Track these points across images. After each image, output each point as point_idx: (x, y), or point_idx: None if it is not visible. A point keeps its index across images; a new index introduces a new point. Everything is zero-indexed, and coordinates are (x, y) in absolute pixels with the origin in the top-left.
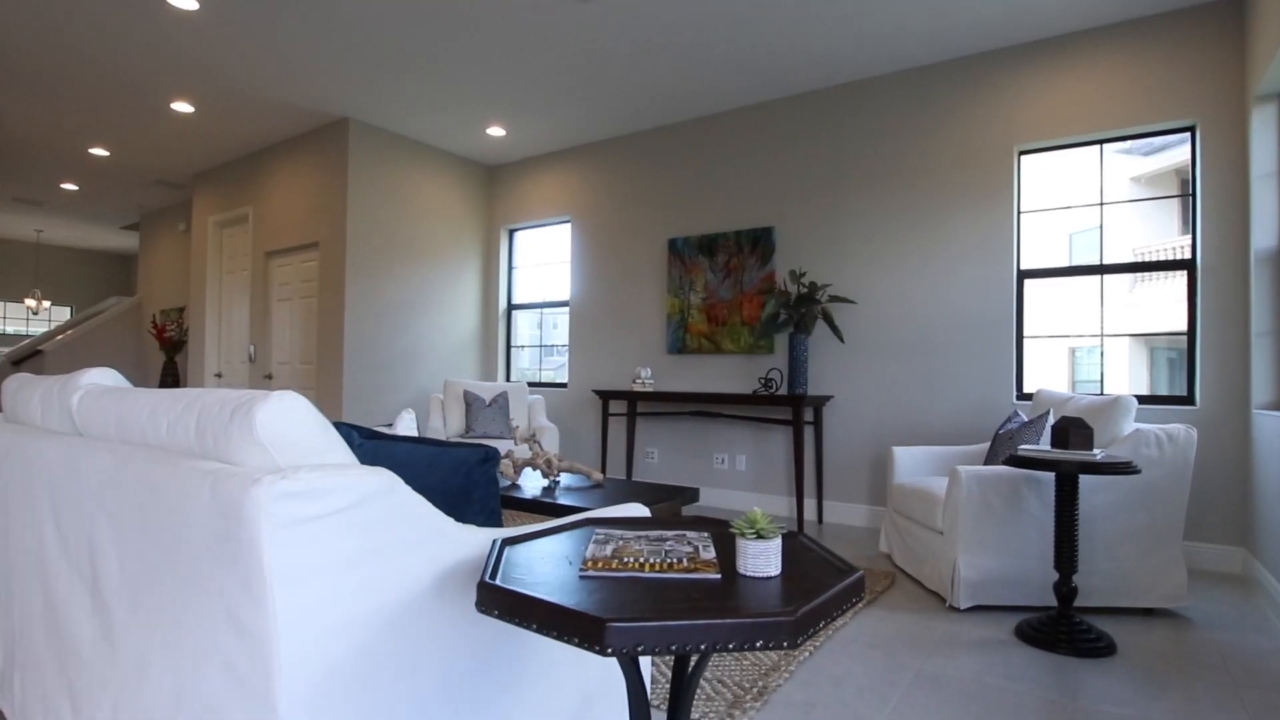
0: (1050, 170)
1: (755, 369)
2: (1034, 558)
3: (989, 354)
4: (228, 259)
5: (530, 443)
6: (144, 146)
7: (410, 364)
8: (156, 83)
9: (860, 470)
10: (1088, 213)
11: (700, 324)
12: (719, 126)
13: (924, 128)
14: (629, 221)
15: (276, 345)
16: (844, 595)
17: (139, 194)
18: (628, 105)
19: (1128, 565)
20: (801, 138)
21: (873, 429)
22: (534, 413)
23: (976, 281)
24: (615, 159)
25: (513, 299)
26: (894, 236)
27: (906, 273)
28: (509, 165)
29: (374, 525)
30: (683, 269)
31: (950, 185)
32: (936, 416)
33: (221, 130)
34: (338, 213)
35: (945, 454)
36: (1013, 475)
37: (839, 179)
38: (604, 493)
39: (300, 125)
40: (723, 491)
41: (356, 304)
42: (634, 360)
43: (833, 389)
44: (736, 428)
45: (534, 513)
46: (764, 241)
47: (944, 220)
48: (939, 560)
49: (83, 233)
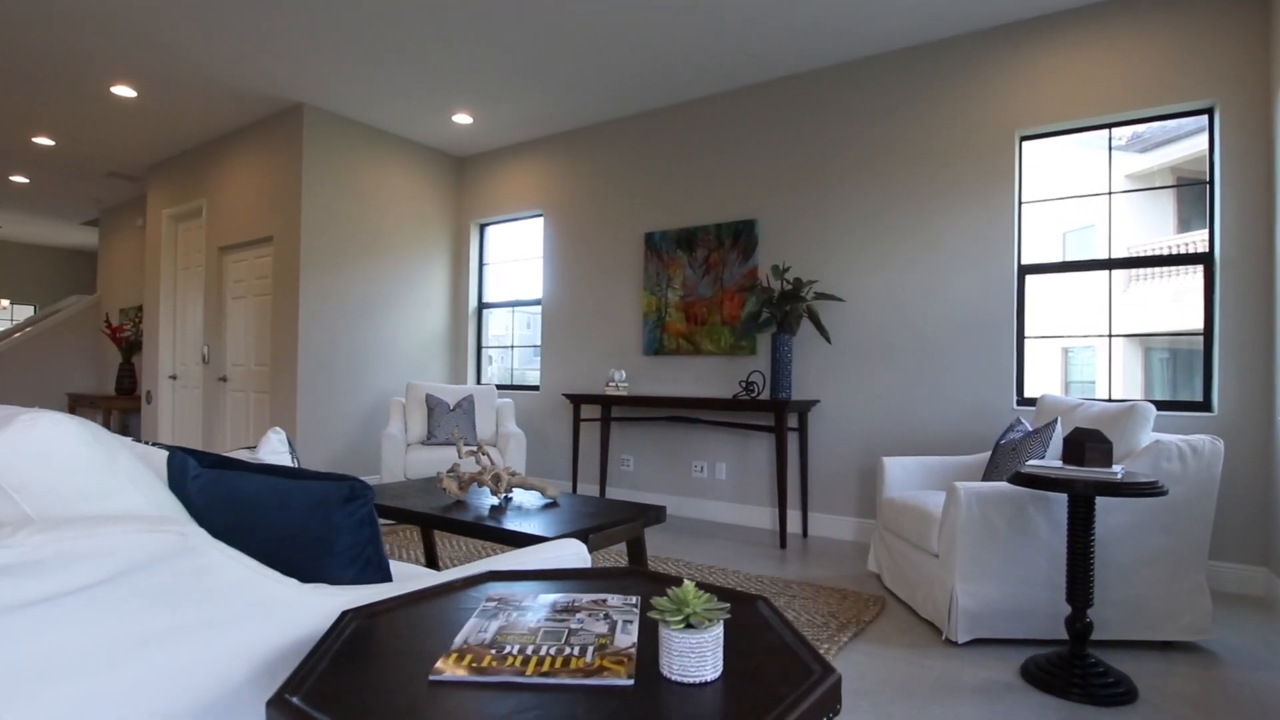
0: (1052, 160)
1: (736, 371)
2: (1041, 586)
3: (987, 356)
4: (183, 254)
5: (477, 454)
6: (90, 135)
7: (372, 366)
8: (93, 63)
9: (848, 480)
10: (1083, 211)
11: (678, 323)
12: (698, 113)
13: (918, 112)
14: (604, 215)
15: (231, 346)
16: (812, 714)
17: (94, 188)
18: (601, 90)
19: (1146, 594)
20: (786, 124)
21: (862, 436)
22: (502, 418)
23: (974, 277)
24: (589, 149)
25: (484, 297)
26: (885, 229)
27: (898, 268)
28: (479, 156)
29: (160, 600)
30: (660, 265)
31: (946, 174)
32: (931, 424)
33: (169, 118)
34: (292, 205)
35: (940, 465)
36: (1017, 494)
37: (826, 168)
38: (557, 513)
39: (253, 112)
40: (702, 502)
41: (312, 302)
42: (609, 362)
43: (819, 393)
44: (716, 434)
45: (474, 538)
46: (746, 235)
47: (939, 212)
48: (934, 586)
49: (43, 229)
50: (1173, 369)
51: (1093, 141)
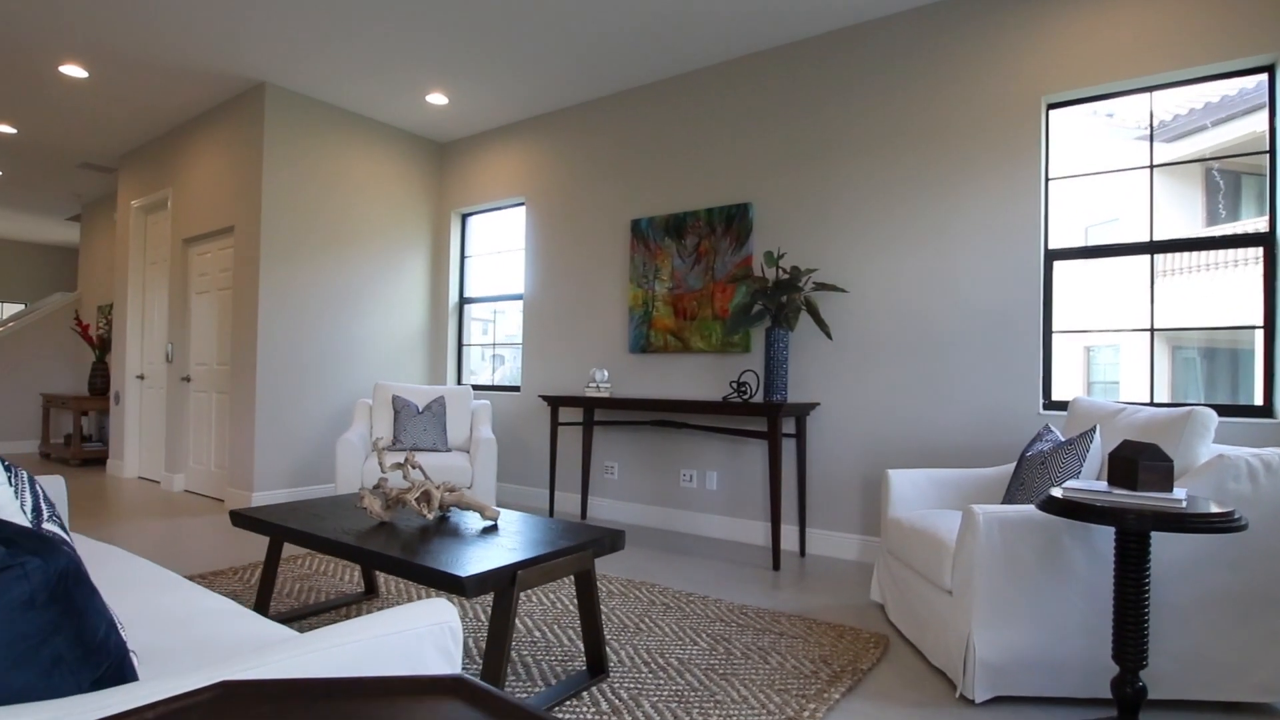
0: (1079, 142)
1: (728, 371)
2: (1078, 634)
3: (1009, 353)
4: (151, 248)
5: (405, 467)
6: (51, 122)
7: (342, 365)
8: (37, 41)
9: (851, 493)
10: (1108, 203)
11: (666, 318)
12: (687, 88)
13: (930, 78)
14: (588, 201)
15: (195, 344)
16: None
17: (72, 180)
18: (583, 65)
19: (1208, 644)
20: (784, 98)
21: (866, 444)
22: (477, 421)
23: (994, 264)
24: (572, 131)
25: (465, 292)
26: (894, 211)
27: (908, 255)
28: (460, 142)
29: None
30: (647, 254)
31: (963, 148)
32: (944, 430)
33: (127, 101)
34: (253, 192)
35: (955, 480)
36: (1049, 522)
37: (828, 145)
38: (490, 541)
39: (215, 93)
40: (691, 515)
41: (273, 296)
42: (593, 360)
43: (819, 395)
44: (706, 440)
45: (384, 571)
46: (740, 220)
47: (955, 191)
48: (946, 629)
49: (27, 225)
50: (1209, 369)
51: (1124, 123)
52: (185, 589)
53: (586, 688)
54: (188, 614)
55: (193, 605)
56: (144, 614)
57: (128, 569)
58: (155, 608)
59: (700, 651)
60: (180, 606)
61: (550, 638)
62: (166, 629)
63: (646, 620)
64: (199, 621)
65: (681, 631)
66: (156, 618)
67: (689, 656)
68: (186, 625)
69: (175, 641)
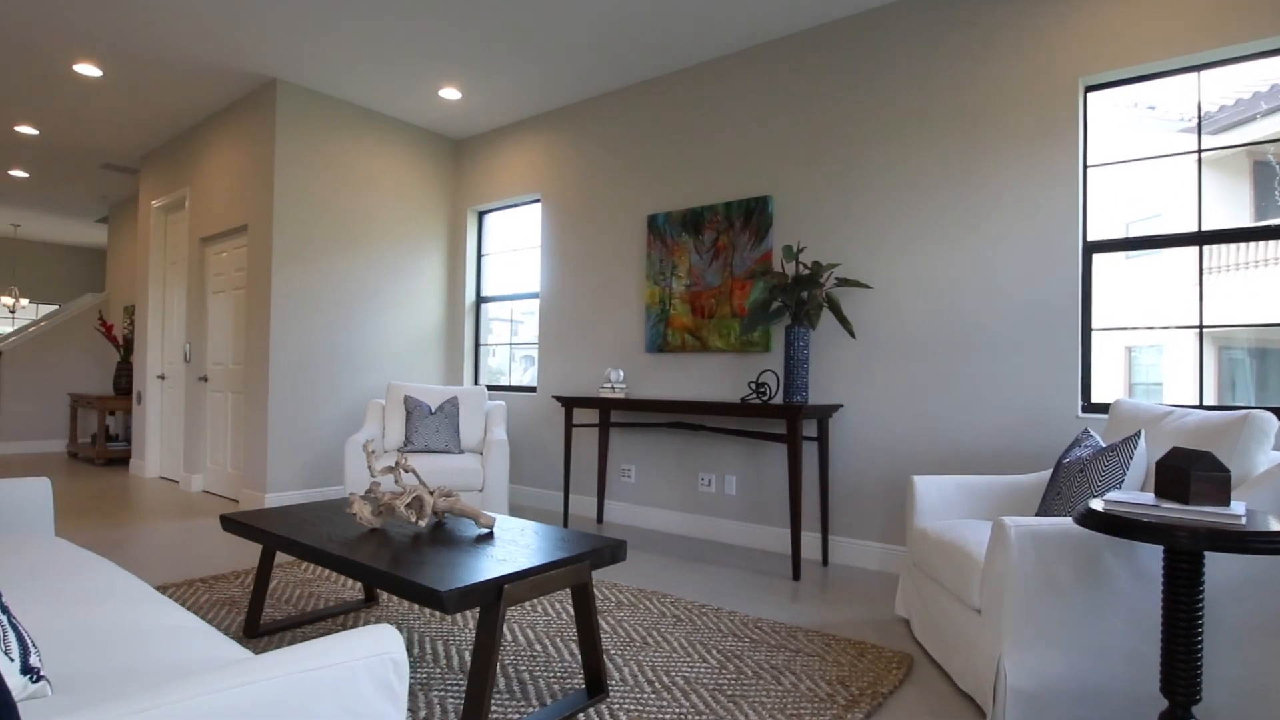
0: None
1: (747, 371)
2: (1121, 659)
3: (1044, 351)
4: (171, 248)
5: (396, 471)
6: (71, 123)
7: (356, 364)
8: (50, 39)
9: (875, 499)
10: (1149, 199)
11: (683, 316)
12: (706, 78)
13: (961, 62)
14: (604, 196)
15: (212, 343)
16: None
17: (98, 182)
18: (598, 57)
19: (1268, 672)
20: (805, 85)
21: (892, 447)
22: (491, 422)
23: (1029, 257)
24: (587, 124)
25: (482, 290)
26: (920, 203)
27: (936, 249)
28: (476, 138)
29: None
30: (664, 250)
31: (995, 134)
32: (974, 434)
33: (141, 100)
34: (265, 190)
35: (986, 487)
36: (1089, 537)
37: (851, 135)
38: (481, 551)
39: (228, 91)
40: (709, 520)
41: (286, 295)
42: (610, 360)
43: (842, 396)
44: (725, 443)
45: (375, 586)
46: (759, 214)
47: (986, 180)
48: (975, 651)
49: (59, 227)
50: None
51: (1167, 115)
52: (148, 603)
53: (583, 709)
54: (136, 634)
55: (146, 623)
56: (88, 633)
57: (97, 580)
58: (104, 626)
59: (709, 670)
60: (132, 625)
61: (551, 652)
62: (102, 651)
63: (655, 634)
64: (142, 643)
65: (691, 647)
66: (98, 638)
67: (696, 675)
68: (125, 647)
69: (103, 667)
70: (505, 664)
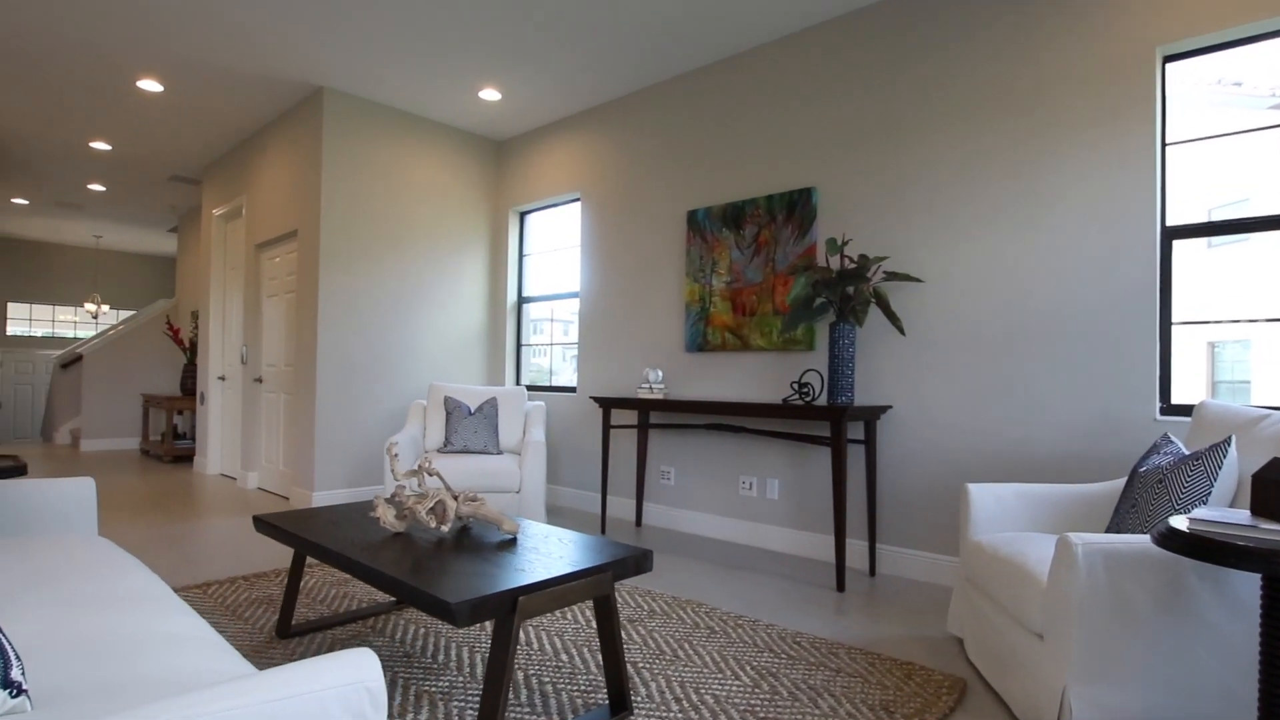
0: (1204, 105)
1: (790, 370)
2: (1209, 698)
3: (1118, 348)
4: (230, 253)
5: (419, 474)
6: (139, 137)
7: (401, 366)
8: (117, 57)
9: (928, 507)
10: (1235, 180)
11: (724, 314)
12: (747, 67)
13: (1019, 37)
14: (643, 193)
15: (266, 345)
16: None
17: (167, 193)
18: (636, 51)
19: None
20: (851, 71)
21: (946, 452)
22: (530, 423)
23: (1099, 245)
24: (626, 121)
25: (523, 291)
26: (977, 190)
27: (994, 236)
28: (517, 139)
29: None
30: (704, 247)
31: (1061, 113)
32: (1037, 438)
33: (200, 113)
34: (313, 196)
35: (1050, 498)
36: (1169, 558)
37: (900, 121)
38: (502, 559)
39: (279, 101)
40: (751, 526)
41: (332, 297)
42: (649, 360)
43: (891, 396)
44: (766, 445)
45: (389, 594)
46: (802, 206)
47: (1051, 163)
48: (1035, 679)
49: (136, 237)
50: None
51: (1255, 91)
52: (158, 610)
53: None
54: (133, 644)
55: (149, 632)
56: (85, 643)
57: (115, 584)
58: (104, 635)
59: (741, 688)
60: (132, 634)
61: (577, 663)
62: (93, 663)
63: (686, 646)
64: (136, 655)
65: (724, 662)
66: (94, 649)
67: (727, 694)
68: (116, 659)
69: (89, 681)
70: (529, 674)
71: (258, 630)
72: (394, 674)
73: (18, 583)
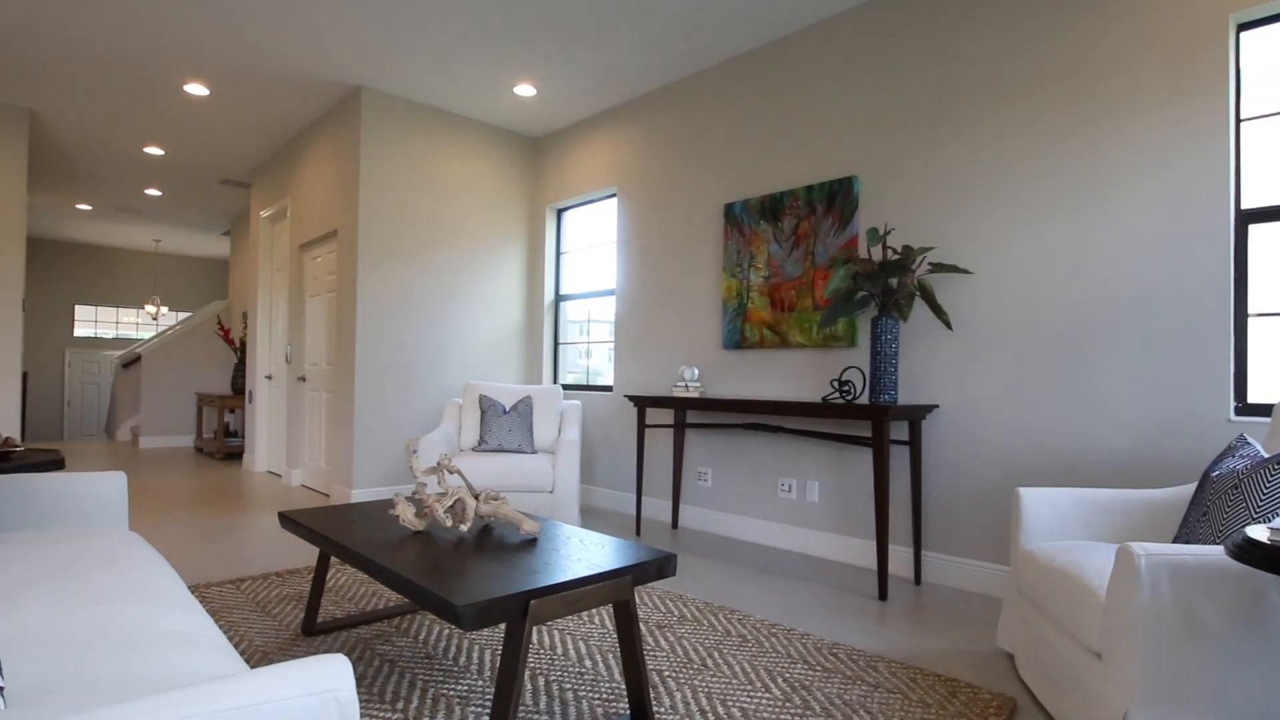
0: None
1: (832, 368)
2: None
3: (1187, 342)
4: (276, 255)
5: (438, 472)
6: (189, 142)
7: (439, 364)
8: (164, 60)
9: (977, 511)
10: None
11: (762, 310)
12: (784, 54)
13: (1081, 11)
14: (679, 187)
15: (309, 344)
16: None
17: (217, 197)
18: (670, 41)
19: None
20: (895, 53)
21: (997, 454)
22: (565, 422)
23: (1165, 231)
24: (662, 113)
25: (561, 288)
26: (1031, 175)
27: (1050, 224)
28: (553, 135)
29: None
30: (741, 241)
31: (1123, 91)
32: (1096, 440)
33: (246, 117)
34: (352, 196)
35: (1110, 503)
36: (1247, 573)
37: (948, 104)
38: (519, 559)
39: (320, 102)
40: (790, 530)
41: (371, 296)
42: (686, 358)
43: (937, 395)
44: (806, 446)
45: (401, 595)
46: (843, 196)
47: (1112, 144)
48: (1093, 700)
49: (192, 241)
50: None
51: None
52: (161, 606)
53: None
54: (124, 642)
55: (144, 630)
56: (76, 640)
57: (125, 579)
58: (97, 632)
59: (771, 702)
60: (127, 631)
61: (600, 669)
62: (78, 661)
63: (716, 655)
64: (124, 653)
65: (754, 673)
66: (84, 646)
67: (755, 707)
68: (103, 658)
69: (69, 680)
70: (550, 679)
71: (284, 627)
72: (413, 676)
73: (29, 577)
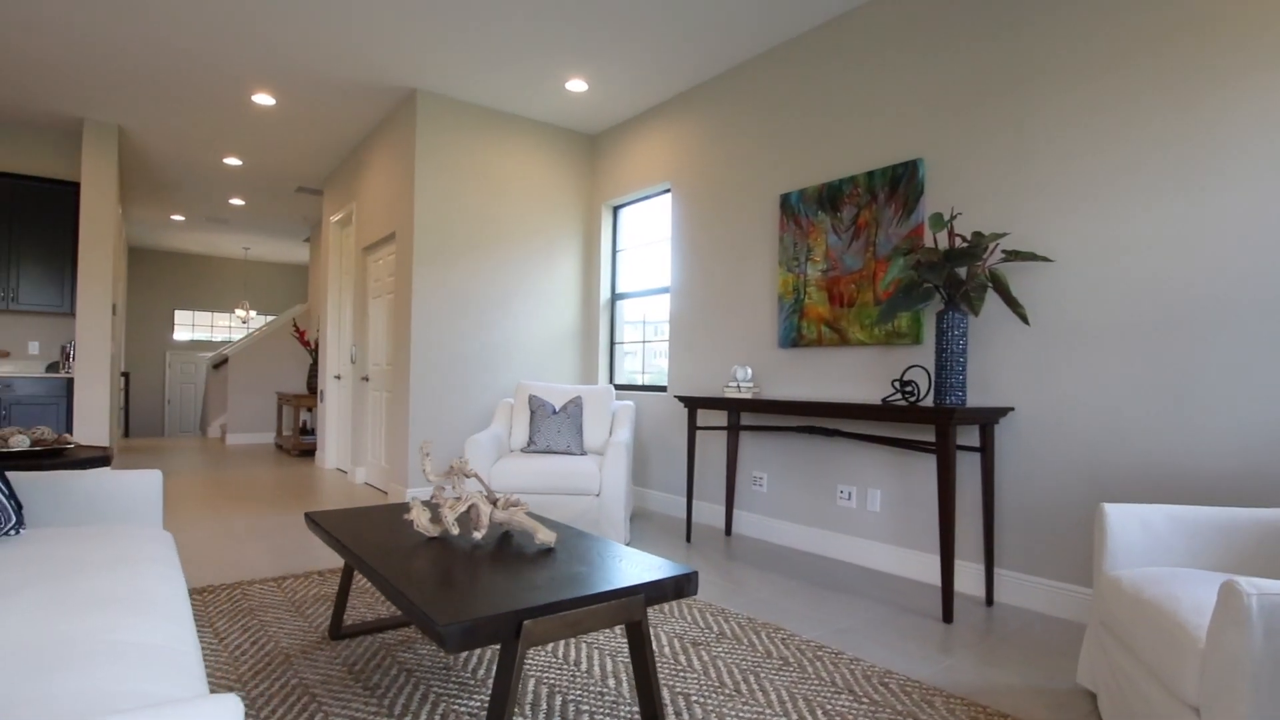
0: None
1: (894, 366)
2: None
3: None
4: (344, 258)
5: (454, 476)
6: (264, 151)
7: (494, 364)
8: (232, 71)
9: (1059, 526)
10: None
11: (820, 306)
12: (840, 34)
13: None
14: (733, 178)
15: (372, 345)
16: None
17: (295, 204)
18: (722, 30)
19: None
20: (961, 26)
21: (1082, 463)
22: (616, 423)
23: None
24: (715, 103)
25: (616, 287)
26: (1126, 153)
27: (1143, 206)
28: (609, 132)
29: None
30: (798, 232)
31: (1224, 52)
32: (1200, 450)
33: (313, 125)
34: (408, 198)
35: (1215, 524)
36: None
37: (1026, 78)
38: (532, 571)
39: (379, 107)
40: (849, 540)
41: (426, 297)
42: (740, 357)
43: (1012, 397)
44: (867, 451)
45: (394, 604)
46: (907, 181)
47: (1211, 116)
48: None
49: (277, 248)
50: None
51: None
52: (148, 613)
53: None
54: (86, 654)
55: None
56: (32, 651)
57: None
58: (61, 641)
59: None
60: (93, 641)
61: (623, 691)
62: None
63: (752, 680)
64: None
65: (791, 702)
66: (37, 658)
67: None
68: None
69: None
70: (567, 699)
71: (312, 629)
72: (427, 688)
73: (25, 578)
